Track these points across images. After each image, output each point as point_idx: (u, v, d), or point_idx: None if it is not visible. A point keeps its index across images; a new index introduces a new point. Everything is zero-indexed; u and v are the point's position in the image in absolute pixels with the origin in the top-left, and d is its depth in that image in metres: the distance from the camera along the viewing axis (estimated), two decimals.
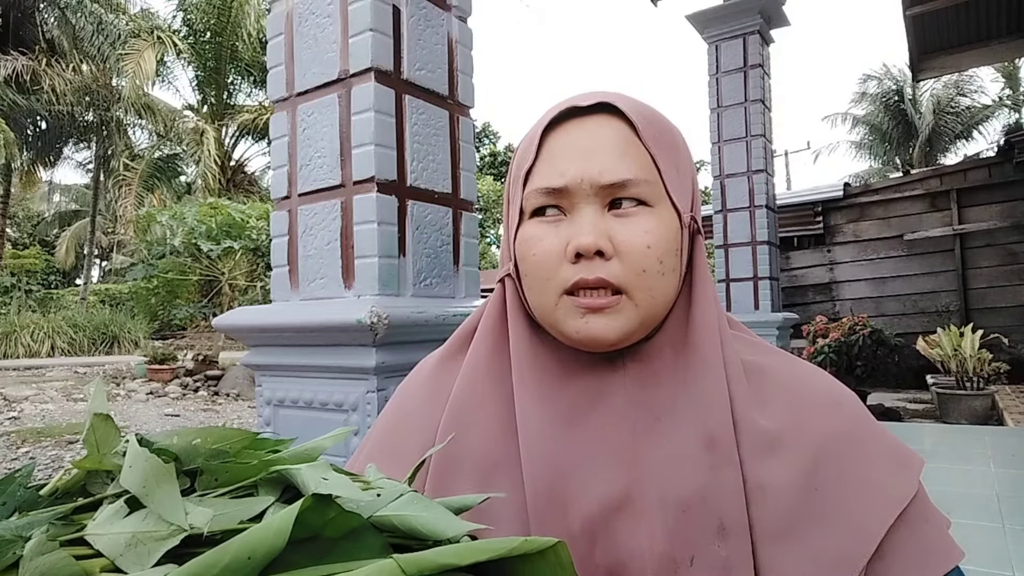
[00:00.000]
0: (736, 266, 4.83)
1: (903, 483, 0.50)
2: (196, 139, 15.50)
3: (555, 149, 0.53)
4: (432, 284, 1.58)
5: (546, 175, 0.52)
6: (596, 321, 0.50)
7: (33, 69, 13.72)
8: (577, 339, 0.51)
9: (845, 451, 0.50)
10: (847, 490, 0.49)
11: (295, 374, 1.51)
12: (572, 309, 0.50)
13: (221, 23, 15.25)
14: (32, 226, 25.96)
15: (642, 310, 0.50)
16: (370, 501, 0.31)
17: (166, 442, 0.34)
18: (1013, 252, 7.01)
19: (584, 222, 0.50)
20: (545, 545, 0.28)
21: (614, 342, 0.51)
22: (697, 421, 0.49)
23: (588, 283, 0.49)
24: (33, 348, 11.77)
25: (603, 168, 0.50)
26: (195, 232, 10.68)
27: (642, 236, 0.50)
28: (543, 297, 0.52)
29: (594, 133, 0.52)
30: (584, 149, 0.51)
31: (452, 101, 1.67)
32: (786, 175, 22.57)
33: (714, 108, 4.93)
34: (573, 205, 0.51)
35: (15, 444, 5.05)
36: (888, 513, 0.48)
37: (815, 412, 0.52)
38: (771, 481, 0.48)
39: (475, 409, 0.55)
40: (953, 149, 18.33)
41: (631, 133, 0.52)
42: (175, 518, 0.27)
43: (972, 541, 2.42)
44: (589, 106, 0.53)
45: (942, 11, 5.59)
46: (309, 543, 0.27)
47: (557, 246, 0.51)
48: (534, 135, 0.54)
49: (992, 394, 5.40)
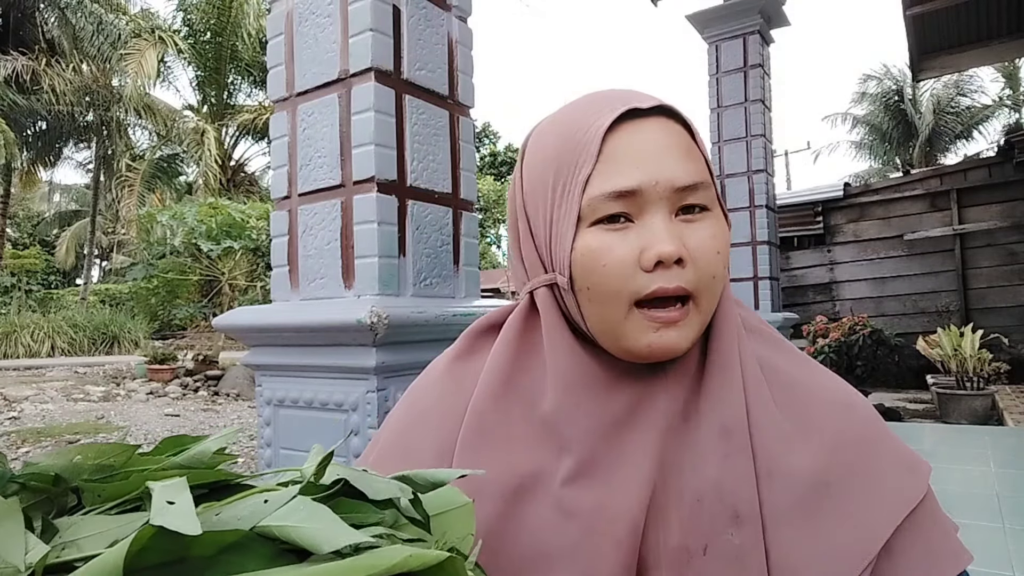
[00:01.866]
0: (736, 266, 4.82)
1: (912, 485, 0.50)
2: (196, 139, 15.50)
3: (619, 150, 0.49)
4: (432, 284, 1.58)
5: (613, 178, 0.49)
6: (669, 334, 0.48)
7: (33, 69, 13.72)
8: (647, 353, 0.49)
9: (856, 451, 0.51)
10: (856, 488, 0.49)
11: (295, 374, 1.51)
12: (643, 323, 0.49)
13: (221, 23, 15.25)
14: (32, 226, 25.96)
15: (704, 316, 0.50)
16: (253, 512, 0.30)
17: (47, 463, 0.34)
18: (1013, 252, 7.00)
19: (660, 228, 0.48)
20: (436, 560, 0.27)
21: (683, 352, 0.50)
22: (715, 416, 0.50)
23: (668, 291, 0.48)
24: (33, 348, 11.76)
25: (675, 171, 0.49)
26: (195, 232, 10.68)
27: (712, 242, 0.49)
28: (611, 310, 0.49)
29: (660, 136, 0.50)
30: (653, 152, 0.49)
31: (452, 101, 1.67)
32: (786, 175, 22.57)
33: (714, 108, 4.93)
34: (643, 210, 0.49)
35: (15, 444, 5.05)
36: (897, 512, 0.48)
37: (827, 411, 0.52)
38: (784, 471, 0.49)
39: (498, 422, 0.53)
40: (953, 149, 18.34)
41: (690, 138, 0.51)
42: (13, 558, 0.26)
43: (972, 541, 2.41)
44: (648, 108, 0.50)
45: (942, 11, 5.59)
46: (179, 564, 0.26)
47: (629, 255, 0.48)
48: (588, 134, 0.50)
49: (992, 394, 5.40)
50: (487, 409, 0.53)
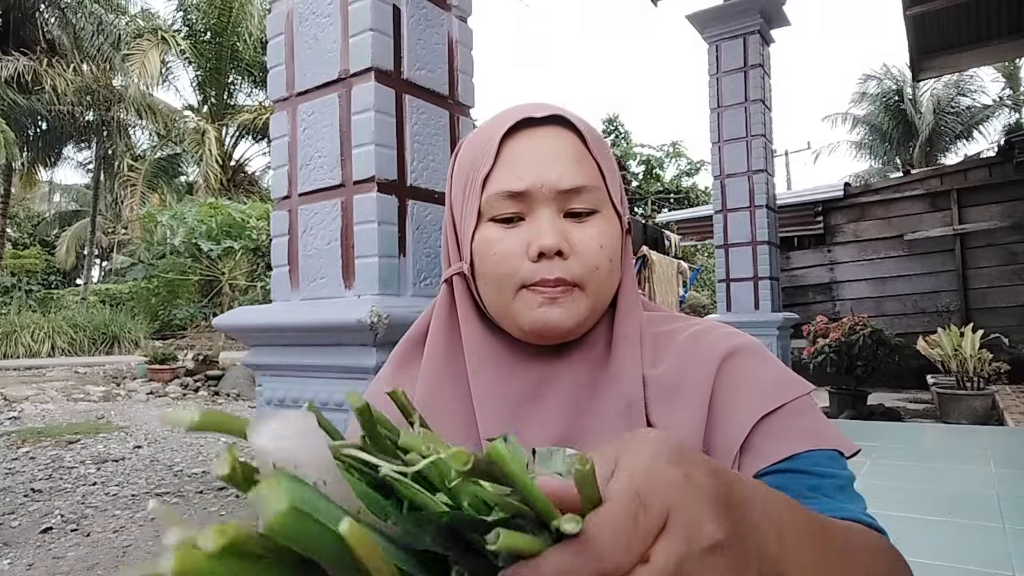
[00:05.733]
0: (736, 266, 4.83)
1: (788, 390, 0.53)
2: (197, 139, 15.51)
3: (514, 155, 0.56)
4: (432, 284, 1.58)
5: (506, 180, 0.55)
6: (552, 311, 0.54)
7: (34, 69, 13.72)
8: (532, 328, 0.55)
9: (734, 363, 0.54)
10: (735, 397, 0.53)
11: (295, 374, 1.51)
12: (530, 300, 0.54)
13: (222, 23, 15.26)
14: (32, 226, 25.95)
15: (592, 301, 0.55)
16: None
17: None
18: (1013, 252, 7.00)
19: (544, 224, 0.54)
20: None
21: (570, 330, 0.55)
22: (620, 391, 0.55)
23: (549, 282, 0.54)
24: (33, 348, 11.76)
25: (561, 174, 0.55)
26: (195, 232, 10.69)
27: (596, 237, 0.55)
28: (501, 292, 0.55)
29: (550, 142, 0.56)
30: (542, 156, 0.55)
31: (452, 101, 1.67)
32: (786, 175, 22.57)
33: (714, 108, 4.92)
34: (531, 209, 0.55)
35: (15, 444, 5.05)
36: (765, 404, 0.51)
37: (709, 354, 0.55)
38: (671, 425, 0.53)
39: (438, 407, 0.57)
40: (953, 149, 18.34)
41: (581, 144, 0.57)
42: None
43: (972, 541, 2.42)
44: (543, 117, 0.56)
45: (942, 11, 5.59)
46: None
47: (517, 246, 0.55)
48: (490, 141, 0.56)
49: (992, 394, 5.39)
50: (428, 394, 0.58)
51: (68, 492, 3.80)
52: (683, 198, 22.43)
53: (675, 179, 24.10)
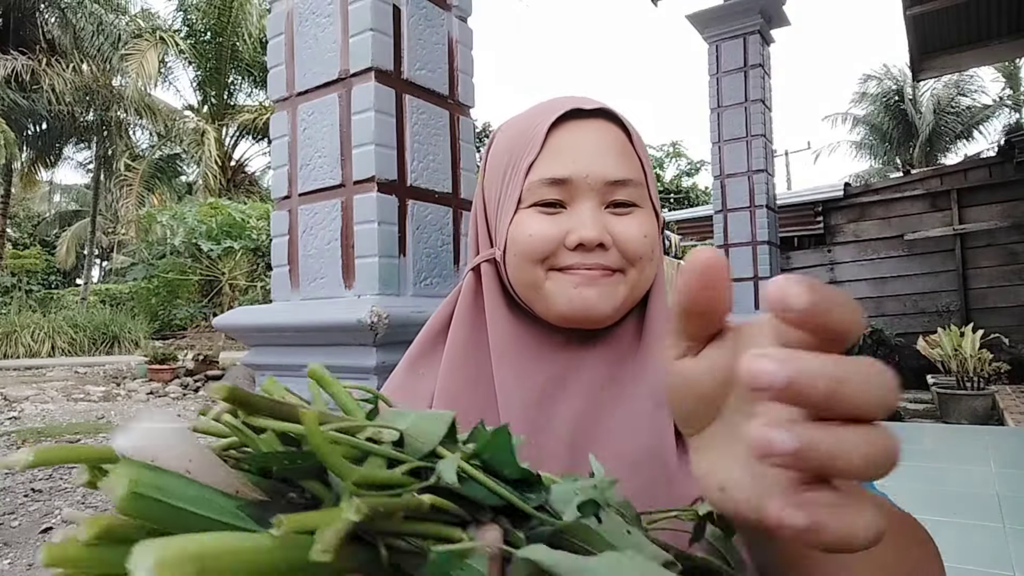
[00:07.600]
0: (736, 266, 4.82)
1: None
2: (197, 139, 15.51)
3: (560, 144, 0.55)
4: (432, 284, 1.58)
5: (552, 167, 0.54)
6: (589, 292, 0.53)
7: (33, 69, 13.72)
8: (570, 309, 0.53)
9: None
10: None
11: (295, 374, 1.51)
12: (565, 281, 0.53)
13: (221, 23, 15.26)
14: (32, 226, 25.96)
15: (631, 288, 0.55)
16: None
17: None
18: (1013, 252, 7.00)
19: (587, 216, 0.53)
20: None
21: (606, 315, 0.54)
22: (649, 388, 0.54)
23: (586, 265, 0.53)
24: (33, 348, 11.77)
25: (607, 166, 0.54)
26: (195, 232, 10.69)
27: (639, 228, 0.55)
28: (533, 273, 0.54)
29: (598, 134, 0.55)
30: (589, 148, 0.55)
31: (452, 101, 1.67)
32: (786, 175, 22.58)
33: (714, 108, 4.92)
34: (573, 199, 0.54)
35: (15, 444, 5.05)
36: None
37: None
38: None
39: (459, 393, 0.57)
40: (953, 149, 18.35)
41: (626, 140, 0.57)
42: None
43: (972, 541, 2.42)
44: (591, 110, 0.56)
45: (942, 11, 5.58)
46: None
47: (556, 233, 0.54)
48: (536, 128, 0.56)
49: (992, 394, 5.39)
50: (449, 380, 0.58)
51: (68, 492, 3.80)
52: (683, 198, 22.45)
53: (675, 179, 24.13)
